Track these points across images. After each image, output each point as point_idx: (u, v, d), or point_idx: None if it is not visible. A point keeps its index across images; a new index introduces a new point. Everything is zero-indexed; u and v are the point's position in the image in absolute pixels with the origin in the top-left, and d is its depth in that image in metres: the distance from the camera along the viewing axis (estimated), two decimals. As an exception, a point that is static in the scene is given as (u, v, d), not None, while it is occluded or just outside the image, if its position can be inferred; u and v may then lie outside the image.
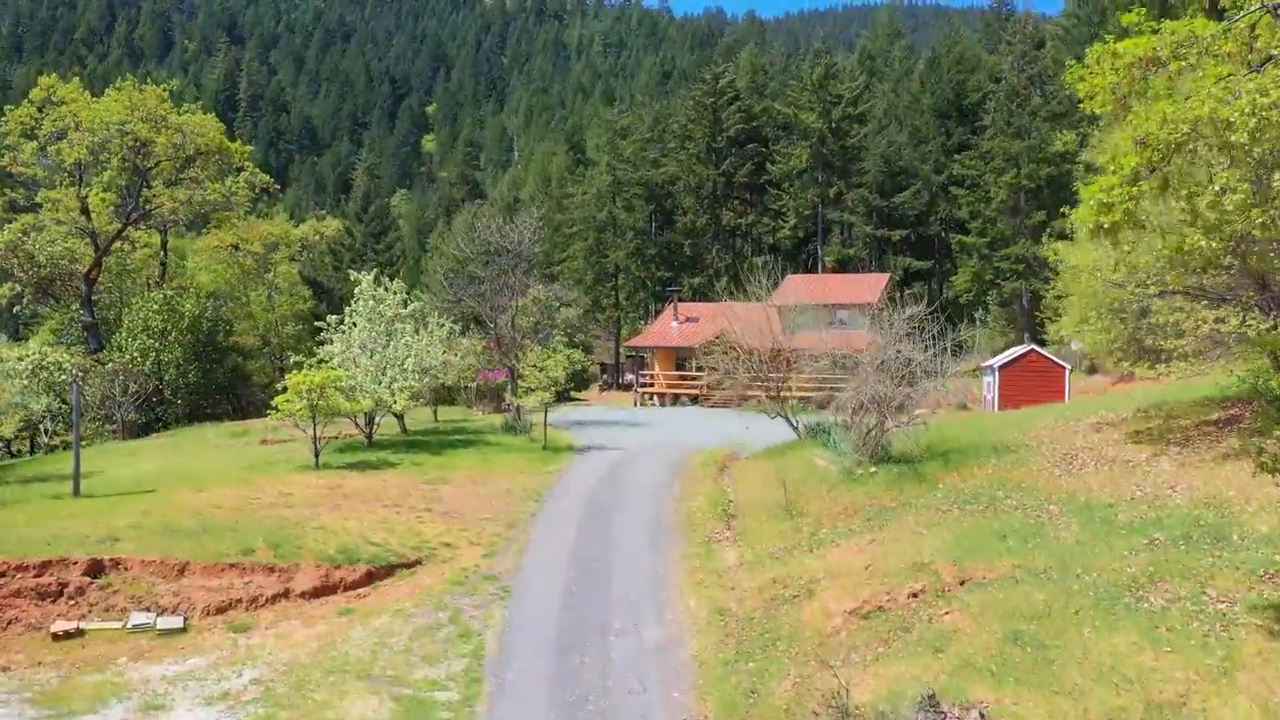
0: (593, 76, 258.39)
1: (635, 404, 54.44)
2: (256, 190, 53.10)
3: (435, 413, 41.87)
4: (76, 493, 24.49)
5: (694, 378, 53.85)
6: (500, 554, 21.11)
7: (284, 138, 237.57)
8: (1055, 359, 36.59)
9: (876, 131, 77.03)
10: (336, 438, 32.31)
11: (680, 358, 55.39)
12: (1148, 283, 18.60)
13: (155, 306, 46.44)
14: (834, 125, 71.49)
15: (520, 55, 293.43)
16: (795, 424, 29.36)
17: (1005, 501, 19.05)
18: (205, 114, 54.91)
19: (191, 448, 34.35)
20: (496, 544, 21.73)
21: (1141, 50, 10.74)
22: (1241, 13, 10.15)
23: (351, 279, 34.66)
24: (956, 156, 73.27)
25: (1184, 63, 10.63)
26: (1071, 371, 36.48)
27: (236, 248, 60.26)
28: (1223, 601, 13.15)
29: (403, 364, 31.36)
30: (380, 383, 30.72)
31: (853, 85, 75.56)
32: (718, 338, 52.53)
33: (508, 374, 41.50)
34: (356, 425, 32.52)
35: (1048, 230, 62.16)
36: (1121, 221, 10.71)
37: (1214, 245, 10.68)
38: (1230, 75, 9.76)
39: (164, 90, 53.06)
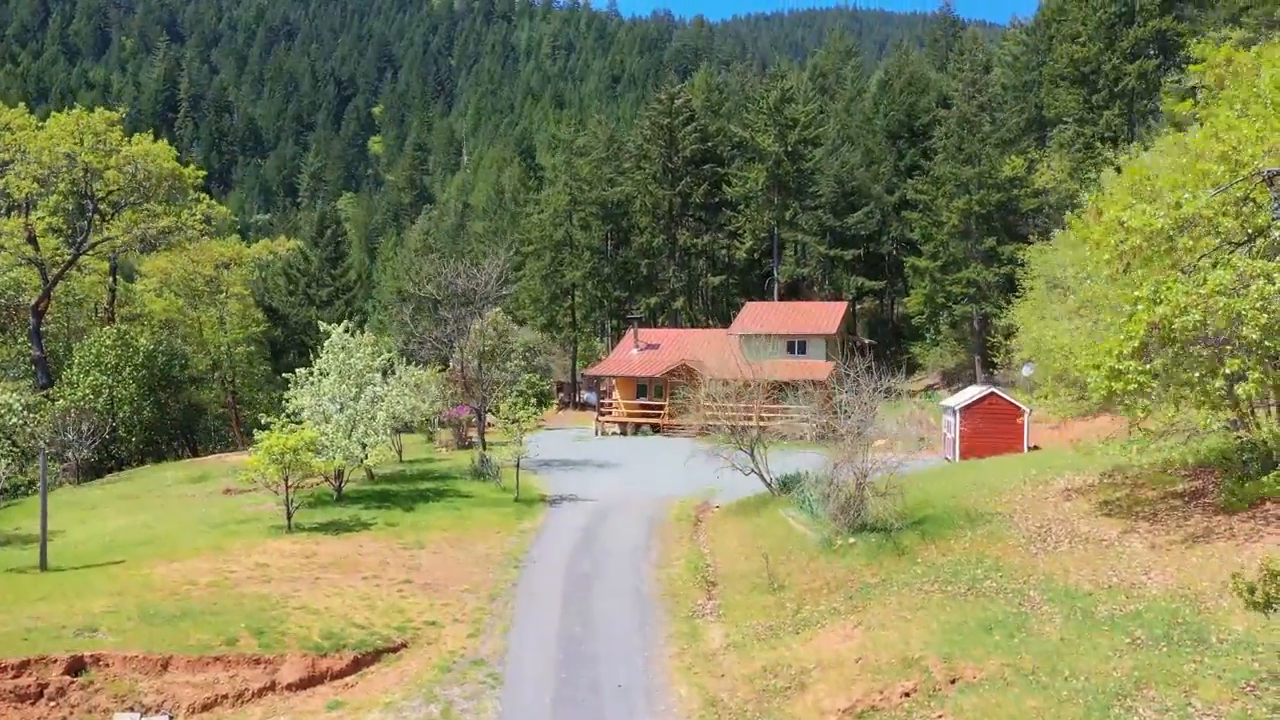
0: (542, 80, 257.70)
1: (597, 432, 54.53)
2: (213, 224, 52.23)
3: (400, 452, 41.47)
4: (43, 566, 23.94)
5: (656, 407, 54.15)
6: (486, 633, 21.07)
7: (227, 139, 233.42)
8: (1014, 401, 37.35)
9: (830, 152, 78.08)
10: (305, 488, 31.89)
11: (641, 385, 55.59)
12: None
13: (109, 341, 45.45)
14: (790, 148, 72.23)
15: (468, 56, 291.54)
16: (768, 479, 29.65)
17: (985, 583, 19.51)
18: (156, 140, 53.85)
19: (153, 500, 33.69)
20: (481, 621, 21.69)
21: (1146, 224, 11.15)
22: (1236, 179, 10.60)
23: (322, 330, 34.28)
24: (909, 180, 74.53)
25: (1191, 239, 11.07)
26: (1031, 414, 37.21)
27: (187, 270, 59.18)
28: (1209, 715, 13.64)
29: (373, 418, 31.10)
30: (351, 438, 30.44)
31: (808, 109, 76.33)
32: (679, 368, 53.07)
33: (473, 412, 41.31)
34: (325, 477, 32.17)
35: (999, 257, 63.85)
36: (1133, 393, 11.17)
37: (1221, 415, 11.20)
38: (1234, 253, 10.20)
39: (114, 116, 51.92)
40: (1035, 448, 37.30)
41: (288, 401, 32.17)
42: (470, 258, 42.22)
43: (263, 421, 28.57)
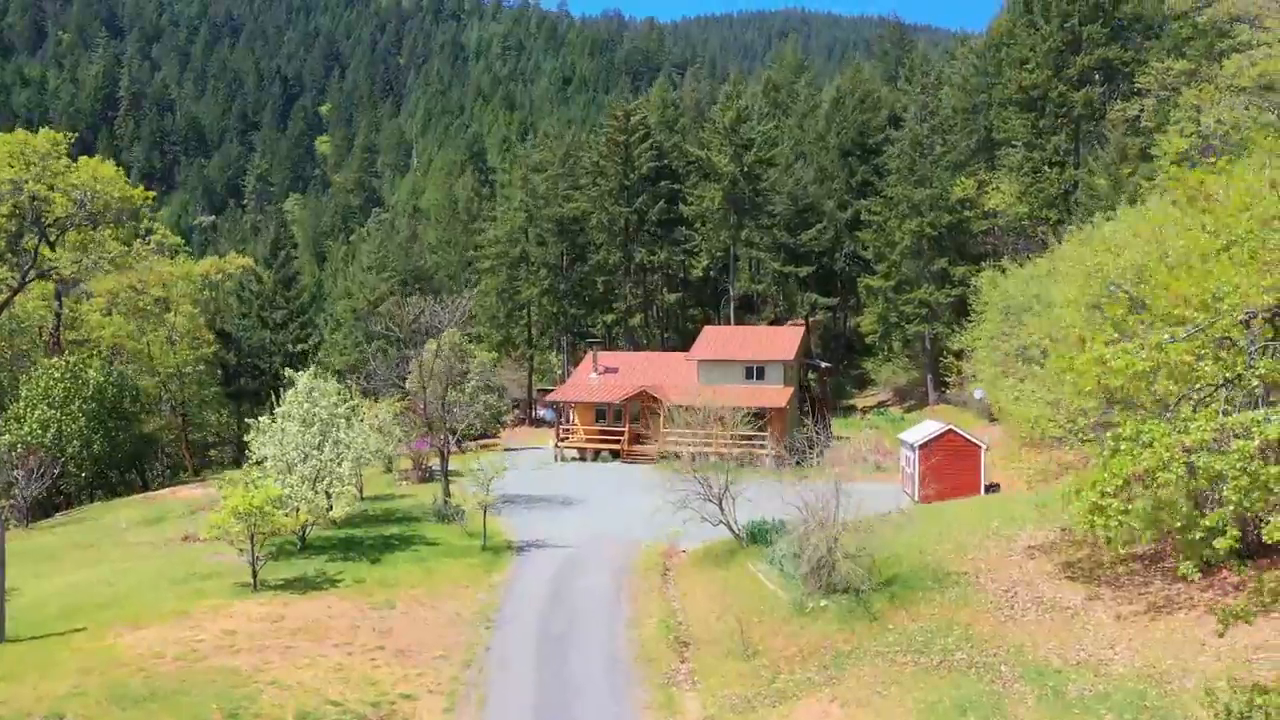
0: (492, 81, 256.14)
1: (556, 458, 54.40)
2: (166, 251, 51.22)
3: (360, 489, 41.01)
4: (1, 637, 23.37)
5: (616, 432, 54.22)
6: (462, 706, 21.00)
7: (169, 138, 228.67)
8: (972, 438, 38.07)
9: (784, 168, 78.71)
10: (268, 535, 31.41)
11: (600, 410, 55.62)
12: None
13: (57, 374, 44.35)
14: (745, 169, 72.60)
15: (417, 56, 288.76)
16: (737, 530, 29.85)
17: (956, 655, 19.93)
18: (103, 162, 52.62)
19: (110, 549, 33.04)
20: (456, 692, 21.60)
21: (1129, 365, 11.55)
22: (1212, 320, 11.02)
23: (287, 376, 33.81)
24: (862, 198, 75.48)
25: (1171, 383, 11.48)
26: (986, 448, 37.94)
27: (138, 291, 57.92)
28: (1180, 813, 14.12)
29: (339, 464, 30.78)
30: (316, 490, 30.11)
31: (763, 128, 76.93)
32: (639, 394, 53.24)
33: (437, 451, 40.93)
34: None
35: (950, 278, 64.95)
36: (1115, 529, 11.58)
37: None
38: (1214, 392, 10.61)
39: (59, 137, 50.62)
40: (993, 484, 38.09)
41: (251, 452, 31.70)
42: (430, 285, 41.85)
43: (225, 478, 28.07)
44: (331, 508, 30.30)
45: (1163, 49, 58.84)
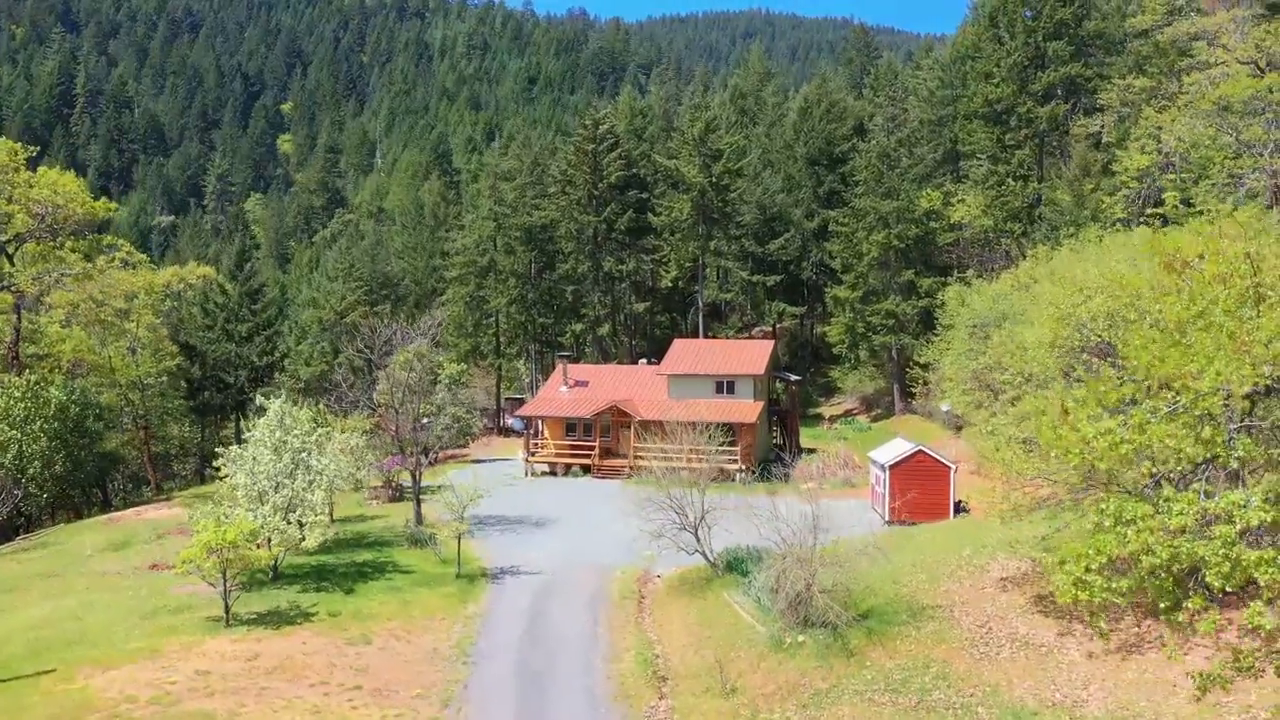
0: (457, 81, 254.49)
1: (526, 473, 54.27)
2: (131, 266, 50.36)
3: (331, 510, 40.61)
4: (-32, 681, 22.95)
5: (587, 446, 54.19)
6: (442, 749, 20.95)
7: (127, 136, 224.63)
8: (941, 459, 38.46)
9: (752, 178, 79.10)
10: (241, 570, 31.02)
11: (570, 424, 55.55)
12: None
13: (18, 394, 43.48)
14: (714, 180, 72.79)
15: (381, 54, 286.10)
16: (713, 558, 29.96)
17: (934, 694, 20.19)
18: (63, 172, 51.64)
19: (75, 578, 32.44)
20: (436, 734, 21.55)
21: (1113, 445, 11.79)
22: (1194, 399, 11.28)
23: (259, 402, 33.39)
24: (829, 208, 76.03)
25: (1154, 465, 11.73)
26: (955, 469, 38.36)
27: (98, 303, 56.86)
28: None
29: (311, 493, 30.47)
30: (289, 521, 29.80)
31: (732, 139, 77.22)
32: (610, 409, 53.27)
33: (409, 473, 40.66)
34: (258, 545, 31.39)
35: (917, 290, 65.67)
36: (1098, 602, 11.84)
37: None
38: (1195, 470, 10.87)
39: (17, 147, 49.65)
40: (961, 503, 38.51)
41: (222, 478, 31.32)
42: (397, 292, 41.48)
43: (193, 498, 27.70)
44: (305, 538, 29.96)
45: (1124, 66, 59.83)
